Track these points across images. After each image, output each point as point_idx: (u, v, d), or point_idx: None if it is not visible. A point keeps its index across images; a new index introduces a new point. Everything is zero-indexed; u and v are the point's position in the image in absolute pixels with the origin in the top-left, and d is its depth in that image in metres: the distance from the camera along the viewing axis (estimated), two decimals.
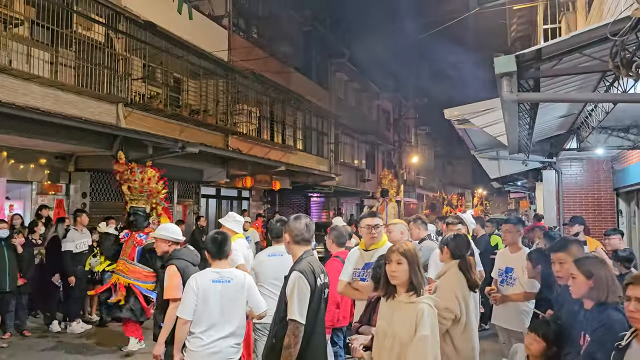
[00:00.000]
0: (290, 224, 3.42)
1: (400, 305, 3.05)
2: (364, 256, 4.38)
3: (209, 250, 3.76)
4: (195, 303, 3.56)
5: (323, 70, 22.89)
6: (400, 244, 3.21)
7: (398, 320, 3.01)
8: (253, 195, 18.55)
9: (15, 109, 7.68)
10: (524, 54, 3.95)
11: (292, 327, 3.10)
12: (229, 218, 5.57)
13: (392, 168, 32.45)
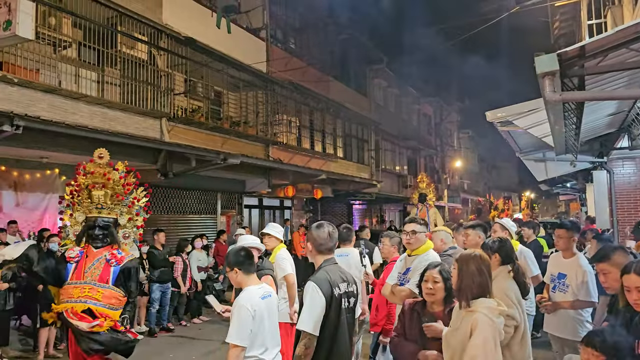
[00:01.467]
0: (313, 232, 3.32)
1: (462, 314, 3.08)
2: (407, 261, 4.36)
3: (243, 264, 3.52)
4: (252, 326, 3.29)
5: (361, 77, 22.85)
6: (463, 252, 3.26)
7: (460, 329, 3.03)
8: (295, 204, 18.64)
9: (66, 127, 7.98)
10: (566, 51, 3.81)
11: (303, 337, 3.03)
12: (274, 228, 5.56)
13: (435, 173, 32.00)
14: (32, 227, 9.14)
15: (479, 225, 5.15)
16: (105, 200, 5.19)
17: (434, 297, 3.43)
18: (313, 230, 3.32)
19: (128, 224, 5.31)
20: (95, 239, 5.05)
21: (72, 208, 5.25)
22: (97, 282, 4.89)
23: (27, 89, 8.56)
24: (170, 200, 12.63)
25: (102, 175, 5.26)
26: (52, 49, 9.12)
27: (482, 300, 3.05)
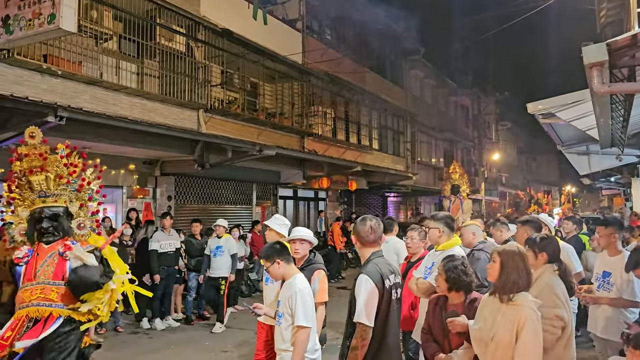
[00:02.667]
0: (357, 226, 3.39)
1: (502, 309, 3.05)
2: (433, 256, 4.34)
3: (282, 254, 3.67)
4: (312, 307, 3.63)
5: (397, 69, 22.60)
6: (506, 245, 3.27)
7: (501, 323, 3.01)
8: (329, 195, 18.64)
9: (107, 119, 8.16)
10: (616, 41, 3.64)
11: (360, 329, 3.09)
12: (276, 220, 4.94)
13: (472, 165, 31.43)
14: None
15: (530, 221, 4.97)
16: (48, 185, 4.31)
17: (439, 288, 3.60)
18: (357, 224, 3.39)
19: (81, 212, 4.44)
20: (45, 234, 4.15)
21: (14, 204, 4.33)
22: (52, 280, 4.03)
23: (71, 80, 8.79)
24: (206, 191, 12.81)
25: (38, 156, 4.39)
26: (94, 42, 9.34)
27: (525, 294, 3.05)
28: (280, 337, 3.61)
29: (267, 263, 3.69)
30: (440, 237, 4.32)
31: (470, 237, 4.93)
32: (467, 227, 5.04)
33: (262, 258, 3.78)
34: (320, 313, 3.95)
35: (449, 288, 3.48)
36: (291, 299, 3.51)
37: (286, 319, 3.57)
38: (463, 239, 5.08)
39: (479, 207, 30.00)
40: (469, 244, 4.95)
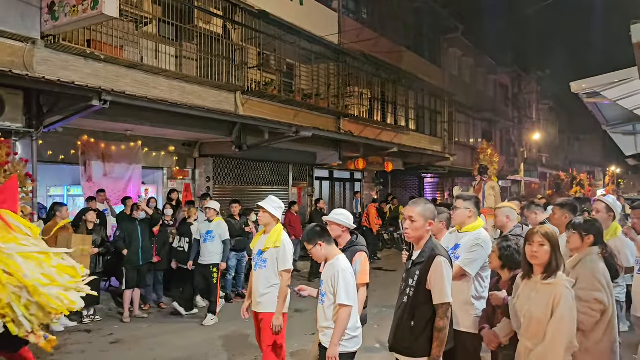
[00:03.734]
0: (425, 208, 3.46)
1: (537, 286, 3.14)
2: (457, 237, 4.29)
3: (323, 236, 3.80)
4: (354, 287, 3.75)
5: (435, 47, 22.16)
6: (542, 227, 3.28)
7: (535, 300, 3.11)
8: (365, 177, 18.61)
9: (148, 102, 8.35)
10: None
11: (445, 309, 3.21)
12: (271, 202, 4.69)
13: (512, 146, 30.72)
14: (118, 196, 9.72)
15: (568, 204, 4.88)
16: None
17: (491, 265, 3.86)
18: (424, 205, 3.45)
19: None
20: None
21: None
22: None
23: (113, 65, 9.01)
24: (244, 172, 12.99)
25: None
26: (135, 26, 9.52)
27: (561, 274, 3.15)
28: (323, 315, 3.73)
29: (309, 246, 3.81)
30: (470, 217, 4.27)
31: (504, 220, 4.89)
32: (501, 210, 4.99)
33: (304, 241, 3.89)
34: (361, 294, 4.01)
35: (502, 266, 3.70)
36: (334, 278, 3.63)
37: (328, 298, 3.68)
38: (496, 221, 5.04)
39: (517, 189, 29.41)
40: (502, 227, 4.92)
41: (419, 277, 3.28)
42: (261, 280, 4.58)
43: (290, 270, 4.60)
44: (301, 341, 6.72)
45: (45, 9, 7.83)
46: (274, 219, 4.63)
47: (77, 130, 9.09)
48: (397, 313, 3.41)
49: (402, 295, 3.37)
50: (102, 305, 8.36)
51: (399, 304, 3.40)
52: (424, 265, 3.27)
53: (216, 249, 7.90)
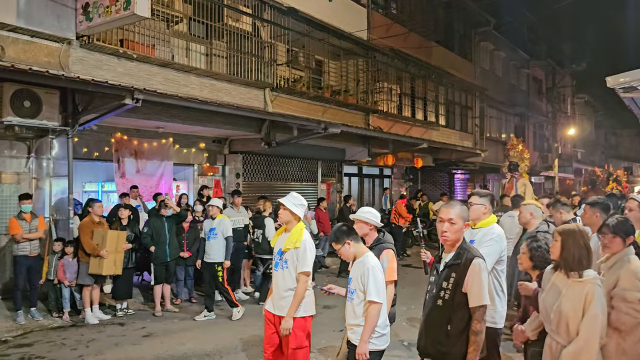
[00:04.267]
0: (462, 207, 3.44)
1: (568, 282, 3.15)
2: (471, 233, 4.22)
3: (351, 235, 3.80)
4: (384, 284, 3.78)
5: (466, 41, 21.82)
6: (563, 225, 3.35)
7: (566, 296, 3.12)
8: (395, 173, 18.50)
9: (179, 99, 8.48)
10: None
11: (482, 312, 3.16)
12: (293, 199, 4.44)
13: (545, 141, 30.04)
14: (150, 192, 9.92)
15: (599, 203, 4.77)
16: None
17: (521, 266, 3.85)
18: (460, 206, 3.39)
19: None
20: None
21: None
22: None
23: (145, 63, 9.17)
24: (273, 168, 13.09)
25: None
26: (166, 25, 9.67)
27: (590, 272, 3.14)
28: (352, 312, 3.73)
29: (337, 245, 3.81)
30: (485, 213, 4.25)
31: (527, 217, 4.85)
32: (525, 206, 4.94)
33: (331, 241, 3.89)
34: (389, 292, 3.98)
35: (534, 266, 3.69)
36: (363, 276, 3.63)
37: (358, 295, 3.68)
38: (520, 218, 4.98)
39: (551, 185, 28.77)
40: (525, 223, 4.87)
41: (455, 279, 3.21)
42: (284, 281, 4.31)
43: (309, 273, 4.30)
44: (329, 338, 6.74)
45: (79, 10, 8.02)
46: (295, 217, 4.35)
47: (110, 127, 9.30)
48: (430, 316, 3.31)
49: (434, 298, 3.29)
50: (134, 299, 8.57)
51: (431, 307, 3.31)
52: (460, 268, 3.20)
53: (220, 246, 7.79)
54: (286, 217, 4.36)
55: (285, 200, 4.37)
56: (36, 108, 7.40)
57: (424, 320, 3.38)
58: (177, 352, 6.28)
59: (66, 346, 6.46)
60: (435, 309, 3.27)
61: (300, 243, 4.25)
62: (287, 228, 4.41)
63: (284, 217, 4.37)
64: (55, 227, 8.31)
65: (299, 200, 4.41)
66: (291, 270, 4.29)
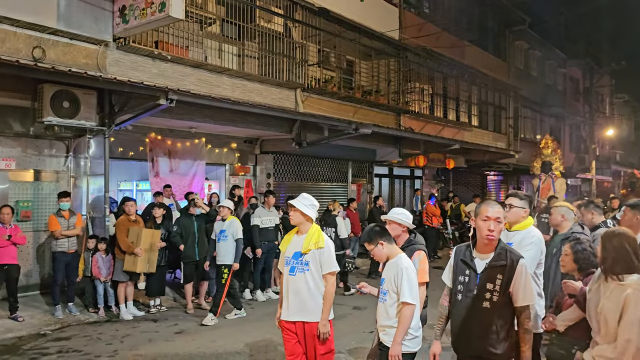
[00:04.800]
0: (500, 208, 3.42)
1: (610, 285, 3.10)
2: (507, 236, 4.14)
3: (384, 235, 3.77)
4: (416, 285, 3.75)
5: (500, 41, 21.44)
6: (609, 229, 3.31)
7: (608, 299, 3.07)
8: (426, 174, 18.31)
9: (211, 100, 8.59)
10: None
11: (530, 310, 3.23)
12: (304, 200, 4.24)
13: (582, 142, 29.27)
14: (183, 191, 10.07)
15: (591, 202, 4.66)
16: None
17: (564, 268, 3.82)
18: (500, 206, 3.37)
19: None
20: None
21: None
22: None
23: (178, 64, 9.33)
24: (303, 168, 13.12)
25: None
26: (199, 27, 9.81)
27: (634, 276, 3.06)
28: (385, 313, 3.69)
29: (370, 246, 3.78)
30: (523, 216, 4.17)
31: (558, 219, 4.72)
32: (557, 208, 4.81)
33: (364, 242, 3.86)
34: (421, 293, 3.93)
35: (579, 268, 3.68)
36: (397, 277, 3.61)
37: (391, 296, 3.65)
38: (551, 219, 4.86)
39: (588, 187, 28.00)
40: (556, 225, 4.75)
41: (503, 281, 3.17)
42: (306, 285, 4.08)
43: (336, 272, 4.19)
44: (359, 339, 6.71)
45: (116, 13, 8.22)
46: (306, 218, 4.16)
47: (145, 127, 9.49)
48: (474, 318, 3.24)
49: (476, 299, 3.23)
50: (167, 296, 8.71)
51: (473, 308, 3.24)
52: (507, 269, 3.18)
53: (229, 248, 7.61)
54: (297, 219, 4.17)
55: (295, 202, 4.18)
56: (75, 108, 7.61)
57: (463, 322, 3.29)
58: (209, 349, 6.35)
59: (102, 341, 6.62)
60: (481, 311, 3.21)
61: (323, 243, 4.09)
62: (300, 230, 4.21)
63: (296, 219, 4.18)
64: (91, 224, 8.52)
65: (309, 200, 4.22)
66: (313, 273, 4.08)
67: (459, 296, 3.34)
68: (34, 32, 7.56)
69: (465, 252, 3.38)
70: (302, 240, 4.13)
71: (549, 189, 12.14)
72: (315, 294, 4.08)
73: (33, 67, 7.00)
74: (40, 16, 7.51)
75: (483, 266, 3.25)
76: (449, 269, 3.49)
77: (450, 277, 3.48)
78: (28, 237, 7.86)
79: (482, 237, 3.26)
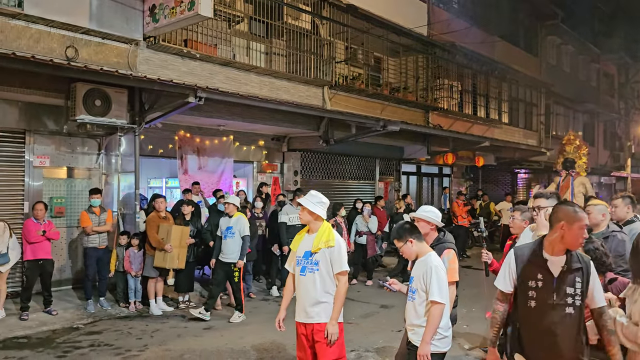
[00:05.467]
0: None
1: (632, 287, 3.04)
2: (532, 236, 4.01)
3: (414, 233, 3.72)
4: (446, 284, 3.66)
5: (532, 36, 21.00)
6: None
7: (634, 303, 2.98)
8: (454, 172, 18.08)
9: (239, 98, 8.63)
10: None
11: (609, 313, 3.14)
12: (312, 197, 4.10)
13: (617, 139, 28.48)
14: (211, 188, 10.16)
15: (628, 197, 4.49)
16: None
17: None
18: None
19: None
20: None
21: None
22: None
23: (207, 63, 9.41)
24: (330, 166, 13.09)
25: None
26: (227, 25, 9.87)
27: None
28: (414, 312, 3.64)
29: (399, 243, 3.74)
30: None
31: (599, 218, 4.56)
32: (596, 207, 4.64)
33: (394, 239, 3.81)
34: (451, 292, 3.85)
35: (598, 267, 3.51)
36: (426, 275, 3.54)
37: (420, 295, 3.60)
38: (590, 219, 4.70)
39: (623, 186, 27.23)
40: (596, 224, 4.59)
41: (583, 283, 3.04)
42: (315, 286, 3.95)
43: (347, 272, 4.01)
44: (387, 337, 6.66)
45: (146, 12, 8.33)
46: (315, 217, 4.03)
47: (174, 125, 9.60)
48: (561, 325, 3.02)
49: (559, 306, 3.02)
50: (195, 292, 8.80)
51: (557, 315, 3.02)
52: (585, 271, 3.04)
53: (237, 246, 7.48)
54: (306, 217, 4.06)
55: (303, 200, 4.07)
56: (106, 106, 7.73)
57: (546, 331, 3.04)
58: (237, 345, 6.38)
59: (132, 335, 6.73)
60: (566, 317, 3.02)
61: (334, 242, 3.96)
62: (311, 229, 4.09)
63: (304, 218, 4.07)
64: (122, 221, 8.67)
65: (317, 198, 4.08)
66: (323, 272, 3.94)
67: (531, 303, 3.07)
68: (67, 31, 7.72)
69: (533, 254, 3.13)
70: (312, 239, 4.01)
71: (567, 187, 11.70)
72: (325, 294, 3.94)
73: (66, 66, 7.15)
74: (73, 16, 7.67)
75: (559, 269, 3.04)
76: (508, 273, 3.18)
77: (509, 282, 3.18)
78: (61, 232, 8.04)
79: (576, 245, 3.06)
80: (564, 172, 11.74)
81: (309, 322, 3.97)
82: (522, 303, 3.10)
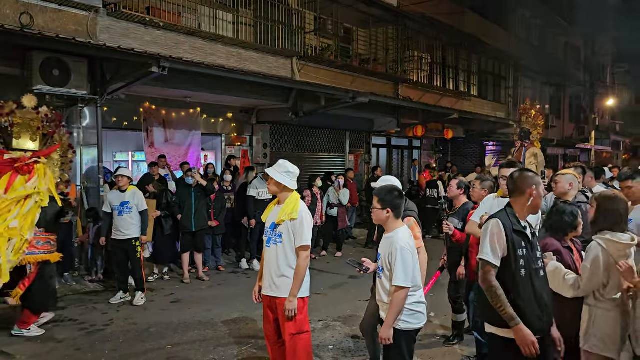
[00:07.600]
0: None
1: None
2: (499, 203, 4.17)
3: (396, 208, 3.51)
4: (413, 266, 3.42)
5: (501, 8, 21.01)
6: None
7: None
8: (424, 144, 18.21)
9: (205, 68, 8.42)
10: None
11: None
12: (279, 168, 3.94)
13: (582, 112, 29.05)
14: (178, 161, 9.97)
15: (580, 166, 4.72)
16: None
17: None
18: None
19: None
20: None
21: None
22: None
23: (171, 32, 9.12)
24: (301, 139, 13.00)
25: None
26: None
27: (604, 232, 3.36)
28: (383, 290, 3.50)
29: (378, 205, 3.53)
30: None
31: (566, 187, 4.67)
32: (564, 176, 4.75)
33: (375, 195, 3.59)
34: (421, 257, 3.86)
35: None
36: (391, 257, 3.39)
37: (386, 274, 3.45)
38: (556, 188, 4.81)
39: (587, 158, 27.93)
40: (562, 194, 4.69)
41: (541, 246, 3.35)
42: (278, 259, 3.86)
43: (309, 247, 3.85)
44: (354, 307, 6.73)
45: None
46: (280, 187, 3.89)
47: (139, 97, 9.33)
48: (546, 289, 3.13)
49: (540, 270, 3.10)
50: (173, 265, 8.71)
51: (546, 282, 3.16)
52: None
53: (135, 221, 7.00)
54: (274, 188, 3.93)
55: (270, 170, 3.92)
56: (65, 77, 7.42)
57: (541, 297, 3.04)
58: (204, 317, 6.37)
59: (97, 310, 6.63)
60: (544, 280, 3.15)
61: (297, 214, 3.80)
62: (280, 199, 3.97)
63: (272, 189, 3.96)
64: (86, 194, 8.46)
65: (284, 167, 3.90)
66: (286, 245, 3.83)
67: (522, 271, 3.00)
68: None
69: (517, 221, 3.08)
70: (279, 211, 3.91)
71: (519, 158, 11.69)
72: (287, 268, 3.84)
73: (20, 32, 6.82)
74: None
75: (530, 234, 3.11)
76: (498, 245, 3.01)
77: (500, 253, 3.01)
78: None
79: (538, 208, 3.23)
80: (519, 143, 11.81)
81: (272, 295, 3.90)
82: (515, 273, 2.99)
